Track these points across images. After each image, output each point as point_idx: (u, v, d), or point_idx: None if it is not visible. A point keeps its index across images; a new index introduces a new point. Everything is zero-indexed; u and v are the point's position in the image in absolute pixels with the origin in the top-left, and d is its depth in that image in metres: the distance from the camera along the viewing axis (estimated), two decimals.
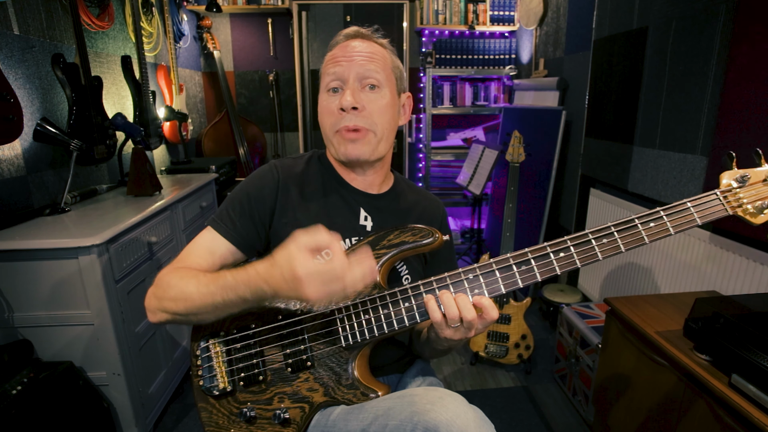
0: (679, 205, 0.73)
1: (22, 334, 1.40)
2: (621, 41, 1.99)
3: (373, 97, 0.84)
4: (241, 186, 0.90)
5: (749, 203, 0.73)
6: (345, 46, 0.86)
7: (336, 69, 0.84)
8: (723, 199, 0.73)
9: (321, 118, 0.87)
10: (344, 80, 0.84)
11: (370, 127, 0.84)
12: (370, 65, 0.84)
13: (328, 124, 0.86)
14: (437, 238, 0.82)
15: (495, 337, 2.06)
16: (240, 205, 0.87)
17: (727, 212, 0.73)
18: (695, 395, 1.05)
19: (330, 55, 0.87)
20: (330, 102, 0.85)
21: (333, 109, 0.84)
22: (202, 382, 0.83)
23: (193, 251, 0.85)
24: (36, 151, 1.64)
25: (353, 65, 0.83)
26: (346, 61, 0.84)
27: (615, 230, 0.72)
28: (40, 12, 1.69)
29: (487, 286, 0.74)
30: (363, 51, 0.84)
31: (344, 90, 0.84)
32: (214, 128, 3.28)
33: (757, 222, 0.73)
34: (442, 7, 3.31)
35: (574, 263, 0.72)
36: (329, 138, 0.87)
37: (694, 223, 0.73)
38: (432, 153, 3.45)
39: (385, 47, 0.89)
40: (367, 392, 0.80)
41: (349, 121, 0.83)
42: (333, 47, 0.88)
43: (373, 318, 0.78)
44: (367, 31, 0.89)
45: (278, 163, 0.92)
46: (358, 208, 0.91)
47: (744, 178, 0.74)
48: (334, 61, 0.85)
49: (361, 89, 0.84)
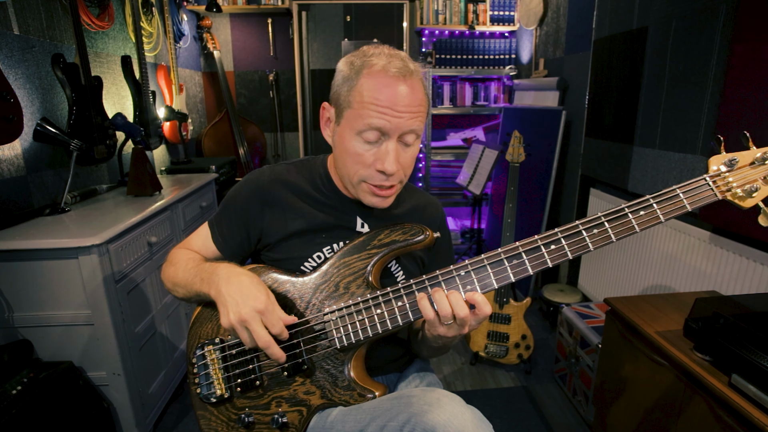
0: (668, 192, 0.72)
1: (22, 334, 1.40)
2: (621, 41, 1.99)
3: (408, 150, 0.80)
4: (232, 193, 0.92)
5: (738, 187, 0.72)
6: (394, 93, 0.74)
7: (381, 123, 0.75)
8: (712, 184, 0.72)
9: (346, 158, 0.80)
10: (387, 135, 0.77)
11: (400, 181, 0.82)
12: (416, 122, 0.77)
13: (355, 171, 0.80)
14: (428, 235, 0.82)
15: (495, 337, 2.06)
16: (229, 212, 0.91)
17: (717, 197, 0.72)
18: (695, 395, 1.05)
19: (370, 93, 0.75)
20: (363, 150, 0.78)
21: (366, 161, 0.78)
22: (199, 390, 0.83)
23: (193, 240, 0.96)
24: (36, 151, 1.64)
25: (400, 122, 0.75)
26: (393, 116, 0.75)
27: (605, 220, 0.72)
28: (40, 12, 1.69)
29: (479, 282, 0.74)
30: (412, 104, 0.76)
31: (381, 141, 0.77)
32: (214, 128, 3.28)
33: (746, 205, 0.72)
34: (442, 7, 3.31)
35: (566, 255, 0.72)
36: (352, 182, 0.82)
37: (684, 209, 0.71)
38: (432, 153, 3.45)
39: (423, 84, 0.80)
40: (364, 393, 0.80)
41: (386, 181, 0.79)
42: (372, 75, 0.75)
43: (366, 318, 0.78)
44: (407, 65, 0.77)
45: (268, 170, 0.91)
46: (354, 216, 0.90)
47: (732, 162, 0.73)
48: (380, 110, 0.74)
49: (399, 142, 0.78)
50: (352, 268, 0.83)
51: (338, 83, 0.80)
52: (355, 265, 0.83)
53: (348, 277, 0.82)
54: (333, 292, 0.82)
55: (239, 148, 3.31)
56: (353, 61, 0.79)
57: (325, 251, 0.87)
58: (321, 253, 0.87)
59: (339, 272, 0.83)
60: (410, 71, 0.76)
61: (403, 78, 0.75)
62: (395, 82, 0.75)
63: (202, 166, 2.59)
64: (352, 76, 0.77)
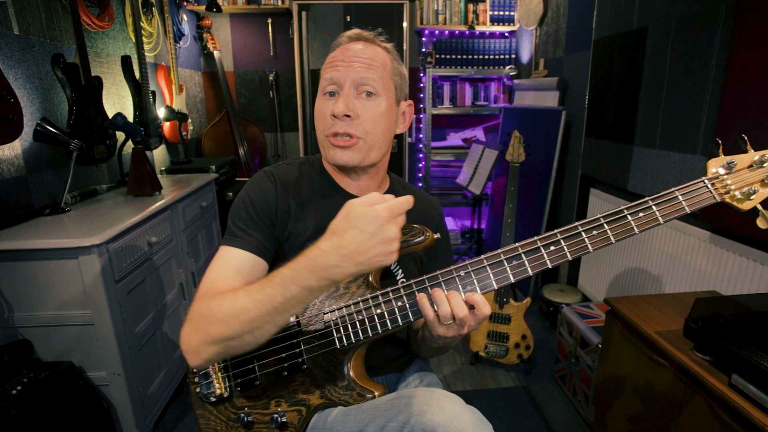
0: (667, 194, 0.73)
1: (22, 334, 1.40)
2: (621, 41, 1.99)
3: (368, 105, 0.82)
4: (241, 197, 0.87)
5: (736, 189, 0.73)
6: (345, 49, 0.83)
7: (333, 74, 0.82)
8: (711, 186, 0.73)
9: (315, 121, 0.86)
10: (340, 85, 0.82)
11: (362, 135, 0.82)
12: (368, 72, 0.81)
13: (320, 127, 0.85)
14: (428, 236, 0.82)
15: (495, 337, 2.06)
16: (247, 214, 0.84)
17: (715, 199, 0.73)
18: (695, 395, 1.05)
19: (330, 57, 0.84)
20: (324, 106, 0.83)
21: (326, 113, 0.82)
22: (198, 389, 0.83)
23: (219, 277, 0.77)
24: (36, 151, 1.64)
25: (350, 71, 0.81)
26: (343, 66, 0.81)
27: (604, 221, 0.72)
28: (40, 12, 1.69)
29: (478, 283, 0.74)
30: (363, 56, 0.82)
31: (339, 95, 0.82)
32: (214, 128, 3.28)
33: (744, 208, 0.73)
34: (442, 7, 3.31)
35: (565, 256, 0.72)
36: (321, 141, 0.86)
37: (682, 211, 0.72)
38: (432, 153, 3.45)
39: (388, 51, 0.86)
40: (364, 393, 0.80)
41: (340, 127, 0.81)
42: (334, 48, 0.86)
43: (366, 318, 0.78)
44: (370, 34, 0.86)
45: (273, 171, 0.90)
46: None
47: (731, 165, 0.74)
48: (333, 64, 0.83)
49: (357, 96, 0.82)
50: None
51: None
52: None
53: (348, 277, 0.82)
54: (333, 292, 0.82)
55: (239, 148, 3.31)
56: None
57: None
58: None
59: None
60: (368, 37, 0.85)
61: (360, 41, 0.85)
62: (351, 43, 0.85)
63: (202, 166, 2.59)
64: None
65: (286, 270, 0.65)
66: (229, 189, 2.71)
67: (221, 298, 0.69)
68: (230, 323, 0.66)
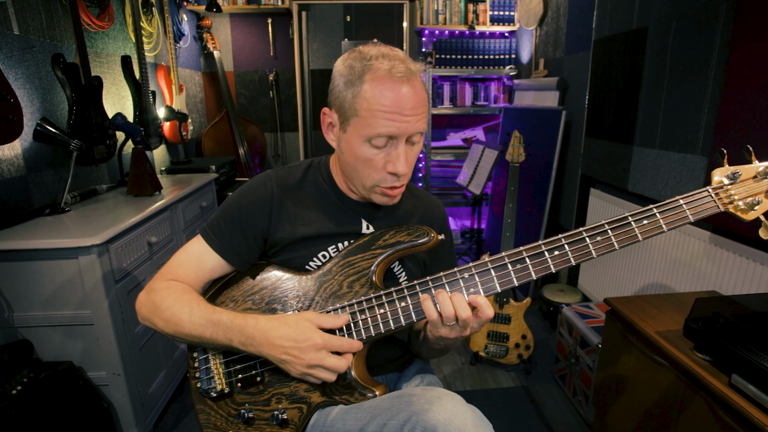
0: (671, 203, 0.74)
1: (22, 334, 1.40)
2: (621, 41, 1.99)
3: (414, 150, 0.81)
4: (234, 198, 0.88)
5: (740, 200, 0.74)
6: (398, 96, 0.74)
7: (391, 130, 0.75)
8: (715, 196, 0.74)
9: (357, 165, 0.80)
10: (395, 139, 0.77)
11: (407, 179, 0.83)
12: (421, 123, 0.78)
13: (367, 175, 0.80)
14: (432, 237, 0.82)
15: (495, 337, 2.06)
16: (231, 218, 0.86)
17: (719, 209, 0.74)
18: (695, 395, 1.05)
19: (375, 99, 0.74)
20: (373, 154, 0.78)
21: (377, 165, 0.78)
22: (199, 384, 0.83)
23: (184, 262, 0.87)
24: (36, 151, 1.64)
25: (408, 126, 0.76)
26: (401, 121, 0.75)
27: (609, 228, 0.73)
28: (40, 12, 1.69)
29: (482, 285, 0.74)
30: (416, 106, 0.76)
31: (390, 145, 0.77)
32: (214, 128, 3.28)
33: (747, 218, 0.74)
34: (442, 7, 3.31)
35: (569, 261, 0.73)
36: (365, 186, 0.82)
37: (686, 220, 0.73)
38: (432, 153, 3.45)
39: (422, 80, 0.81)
40: (365, 392, 0.80)
41: (397, 182, 0.80)
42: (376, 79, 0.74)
43: (369, 318, 0.78)
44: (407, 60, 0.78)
45: (273, 174, 0.89)
46: (359, 219, 0.90)
47: (735, 175, 0.74)
48: (387, 116, 0.74)
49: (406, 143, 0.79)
50: (356, 268, 0.83)
51: (340, 88, 0.78)
52: (359, 264, 0.83)
53: (352, 277, 0.82)
54: (336, 291, 0.82)
55: (239, 148, 3.31)
56: (353, 66, 0.77)
57: (330, 250, 0.87)
58: (326, 252, 0.87)
59: (343, 271, 0.83)
60: (412, 72, 0.76)
61: (407, 81, 0.75)
62: (400, 86, 0.74)
63: (202, 166, 2.59)
64: (355, 81, 0.76)
65: (225, 316, 0.78)
66: (229, 189, 2.71)
67: (174, 299, 0.81)
68: (167, 325, 0.80)
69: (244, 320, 0.77)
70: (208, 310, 0.79)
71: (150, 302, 0.82)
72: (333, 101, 0.81)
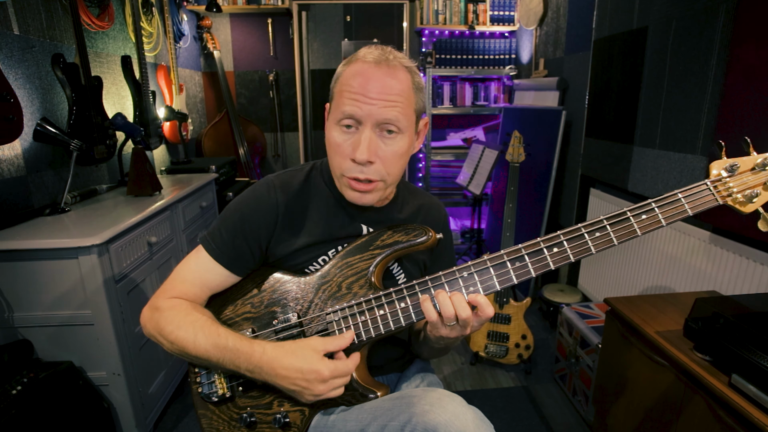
0: (670, 197, 0.73)
1: (22, 334, 1.40)
2: (621, 41, 1.99)
3: (389, 145, 0.76)
4: (236, 206, 0.85)
5: (739, 192, 0.73)
6: (366, 79, 0.73)
7: (353, 109, 0.73)
8: (713, 189, 0.73)
9: (329, 150, 0.79)
10: (360, 122, 0.74)
11: (381, 177, 0.77)
12: (392, 111, 0.73)
13: (336, 163, 0.78)
14: (431, 236, 0.82)
15: (495, 337, 2.06)
16: (233, 225, 0.83)
17: (718, 202, 0.73)
18: (695, 395, 1.05)
19: (346, 81, 0.74)
20: (342, 140, 0.76)
21: (344, 151, 0.76)
22: (201, 389, 0.83)
23: (187, 278, 0.84)
24: (36, 151, 1.64)
25: (372, 109, 0.72)
26: (365, 102, 0.72)
27: (607, 223, 0.72)
28: (40, 12, 1.69)
29: (481, 284, 0.74)
30: (386, 91, 0.73)
31: (358, 131, 0.75)
32: (214, 128, 3.28)
33: (746, 211, 0.73)
34: (442, 7, 3.31)
35: (568, 258, 0.72)
36: (336, 176, 0.81)
37: (685, 213, 0.72)
38: (432, 153, 3.45)
39: (410, 72, 0.77)
40: (366, 393, 0.80)
41: (360, 173, 0.76)
42: (351, 63, 0.76)
43: (369, 319, 0.78)
44: (391, 52, 0.77)
45: (276, 181, 0.86)
46: (359, 223, 0.89)
47: (733, 168, 0.74)
48: (352, 95, 0.73)
49: (378, 134, 0.75)
50: (355, 269, 0.83)
51: (332, 83, 0.81)
52: (357, 265, 0.83)
53: (350, 278, 0.82)
54: (335, 292, 0.82)
55: (239, 148, 3.31)
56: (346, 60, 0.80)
57: (330, 253, 0.87)
58: (326, 256, 0.87)
59: (341, 272, 0.83)
60: (388, 60, 0.75)
61: (378, 65, 0.74)
62: (369, 68, 0.74)
63: (202, 166, 2.59)
64: (340, 70, 0.79)
65: (231, 342, 0.76)
66: (229, 189, 2.71)
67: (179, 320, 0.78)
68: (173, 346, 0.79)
69: (251, 347, 0.75)
70: (213, 334, 0.76)
71: (154, 322, 0.80)
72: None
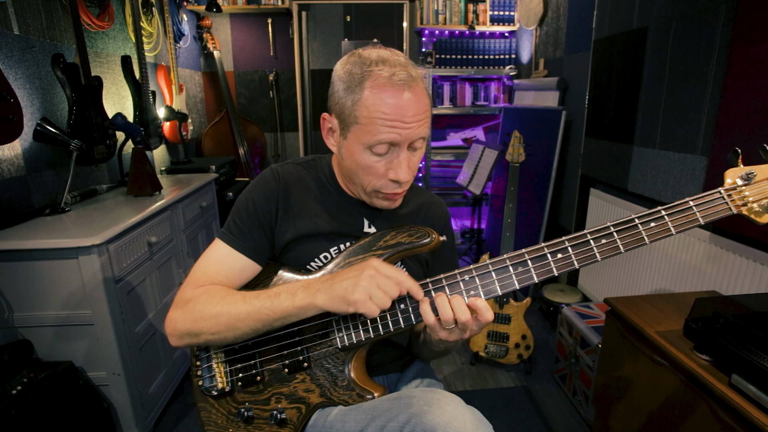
0: (680, 204, 0.70)
1: (22, 334, 1.40)
2: (621, 41, 1.99)
3: (416, 155, 0.80)
4: (245, 194, 0.88)
5: (755, 201, 0.69)
6: (400, 104, 0.72)
7: (390, 136, 0.74)
8: (727, 198, 0.70)
9: (358, 171, 0.80)
10: (397, 146, 0.76)
11: (407, 185, 0.82)
12: (424, 128, 0.77)
13: (368, 182, 0.80)
14: (434, 238, 0.82)
15: (495, 337, 2.06)
16: (247, 213, 0.85)
17: (732, 211, 0.70)
18: (695, 395, 1.05)
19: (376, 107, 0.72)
20: (374, 161, 0.77)
21: (378, 171, 0.78)
22: (201, 382, 0.84)
23: (209, 269, 0.83)
24: (36, 151, 1.64)
25: (410, 133, 0.75)
26: (402, 128, 0.74)
27: (614, 230, 0.70)
28: (40, 12, 1.69)
29: (483, 288, 0.73)
30: (418, 112, 0.74)
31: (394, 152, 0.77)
32: (214, 128, 3.28)
33: (762, 221, 0.70)
34: (442, 7, 3.31)
35: (572, 264, 0.71)
36: (366, 192, 0.83)
37: (696, 222, 0.69)
38: (432, 153, 3.45)
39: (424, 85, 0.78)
40: (363, 393, 0.80)
41: (398, 188, 0.80)
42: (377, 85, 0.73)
43: (369, 319, 0.78)
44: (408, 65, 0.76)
45: (279, 168, 0.89)
46: (361, 218, 0.90)
47: (750, 176, 0.70)
48: (388, 123, 0.73)
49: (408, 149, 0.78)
50: None
51: (339, 94, 0.76)
52: None
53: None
54: None
55: (239, 148, 3.31)
56: (352, 71, 0.75)
57: (332, 251, 0.87)
58: (327, 253, 0.87)
59: None
60: (413, 78, 0.74)
61: (408, 87, 0.73)
62: (401, 92, 0.73)
63: (202, 166, 2.59)
64: (355, 88, 0.74)
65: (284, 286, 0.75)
66: (229, 189, 2.71)
67: (219, 296, 0.77)
68: (219, 321, 0.75)
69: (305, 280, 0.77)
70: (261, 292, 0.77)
71: (188, 312, 0.77)
72: (333, 107, 0.79)
